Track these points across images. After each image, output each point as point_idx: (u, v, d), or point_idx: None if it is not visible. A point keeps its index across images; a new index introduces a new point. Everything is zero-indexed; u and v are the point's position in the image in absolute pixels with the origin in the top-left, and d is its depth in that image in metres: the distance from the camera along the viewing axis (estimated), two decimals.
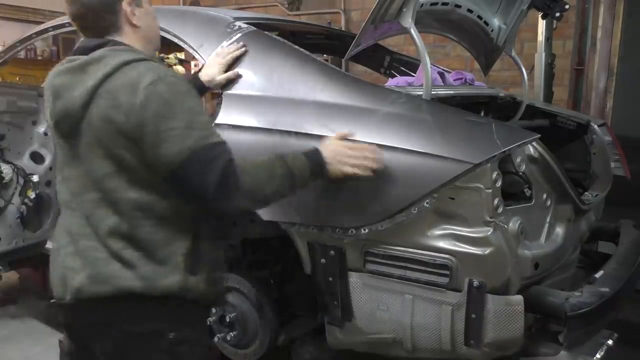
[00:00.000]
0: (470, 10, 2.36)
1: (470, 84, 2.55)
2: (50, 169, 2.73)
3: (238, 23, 2.12)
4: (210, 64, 1.98)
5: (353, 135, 1.63)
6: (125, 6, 1.47)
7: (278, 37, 2.16)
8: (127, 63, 1.38)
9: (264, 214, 1.75)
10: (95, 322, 1.45)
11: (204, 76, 1.96)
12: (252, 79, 1.96)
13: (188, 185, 1.34)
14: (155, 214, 1.40)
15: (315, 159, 1.51)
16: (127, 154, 1.37)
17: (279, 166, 1.44)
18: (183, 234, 1.43)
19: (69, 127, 1.43)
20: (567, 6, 2.40)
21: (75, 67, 1.44)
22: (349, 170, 1.53)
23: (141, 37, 1.53)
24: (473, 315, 1.56)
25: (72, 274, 1.44)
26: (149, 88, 1.34)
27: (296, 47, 2.03)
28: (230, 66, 1.98)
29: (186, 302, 1.45)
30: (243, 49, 1.99)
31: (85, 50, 1.47)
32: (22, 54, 6.55)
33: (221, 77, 1.96)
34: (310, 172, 1.49)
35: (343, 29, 5.15)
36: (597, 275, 1.87)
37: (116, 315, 1.42)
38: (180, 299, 1.43)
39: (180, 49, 2.51)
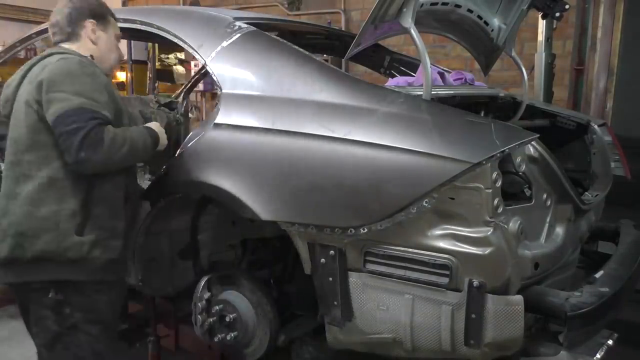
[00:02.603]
0: (470, 10, 2.36)
1: (470, 84, 2.55)
2: None
3: (238, 23, 2.12)
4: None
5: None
6: (88, 24, 1.85)
7: (278, 37, 2.16)
8: (50, 54, 1.75)
9: (264, 213, 1.75)
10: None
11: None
12: (251, 79, 1.96)
13: (59, 137, 1.60)
14: (46, 174, 1.65)
15: (153, 133, 1.87)
16: (32, 118, 1.66)
17: (133, 136, 1.74)
18: (72, 195, 1.65)
19: (8, 111, 1.78)
20: (567, 6, 2.40)
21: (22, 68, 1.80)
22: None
23: (94, 49, 1.86)
24: (473, 315, 1.56)
25: None
26: (55, 63, 1.68)
27: (296, 47, 2.03)
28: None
29: (68, 263, 1.64)
30: None
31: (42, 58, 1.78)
32: (22, 54, 6.54)
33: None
34: (153, 144, 1.85)
35: (343, 29, 5.15)
36: (597, 275, 1.87)
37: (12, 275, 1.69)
38: (61, 258, 1.63)
39: (180, 49, 2.51)
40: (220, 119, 1.90)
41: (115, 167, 1.72)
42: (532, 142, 1.77)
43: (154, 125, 1.93)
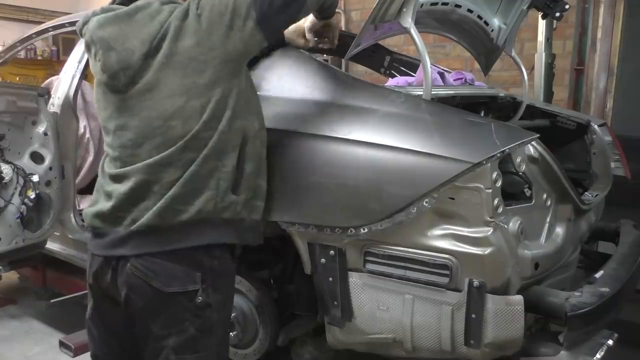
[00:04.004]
0: (470, 10, 2.36)
1: (470, 84, 2.55)
2: (50, 169, 2.73)
3: None
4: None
5: None
6: None
7: None
8: (176, 7, 1.49)
9: (265, 214, 1.75)
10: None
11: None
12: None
13: (279, 14, 1.51)
14: (216, 132, 1.48)
15: None
16: (197, 76, 1.46)
17: None
18: (232, 150, 1.52)
19: (125, 79, 1.49)
20: (567, 6, 2.40)
21: (120, 15, 1.50)
22: None
23: None
24: (473, 315, 1.56)
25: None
26: (196, 4, 1.47)
27: (296, 47, 2.03)
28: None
29: (222, 224, 1.52)
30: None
31: (127, 2, 1.53)
32: (22, 54, 6.55)
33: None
34: None
35: (343, 29, 5.15)
36: (597, 275, 1.87)
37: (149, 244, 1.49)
38: (216, 219, 1.51)
39: None
40: None
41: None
42: (532, 142, 1.77)
43: None
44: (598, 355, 1.72)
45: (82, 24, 1.57)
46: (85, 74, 2.89)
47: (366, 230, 1.63)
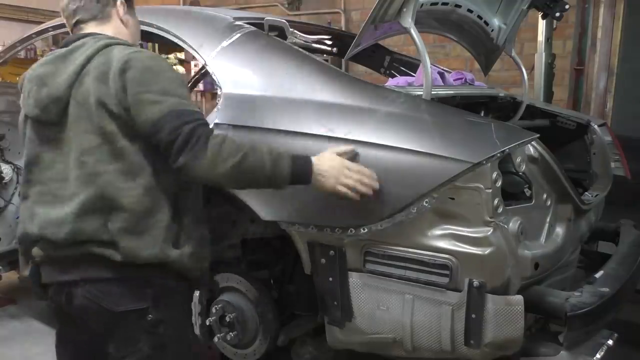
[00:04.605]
0: (470, 10, 2.36)
1: (470, 84, 2.55)
2: None
3: (238, 23, 2.12)
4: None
5: (354, 152, 1.62)
6: (119, 3, 1.61)
7: (277, 38, 2.16)
8: (108, 45, 1.49)
9: (265, 214, 1.75)
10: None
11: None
12: (251, 78, 1.96)
13: (160, 140, 1.40)
14: (136, 184, 1.44)
15: (302, 167, 1.49)
16: (111, 124, 1.43)
17: (255, 154, 1.43)
18: (164, 206, 1.48)
19: (56, 111, 1.48)
20: (567, 6, 2.40)
21: (58, 56, 1.53)
22: (341, 189, 1.52)
23: (125, 33, 1.63)
24: (473, 315, 1.56)
25: None
26: (129, 56, 1.44)
27: (296, 47, 2.03)
28: None
29: (168, 276, 1.50)
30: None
31: (69, 44, 1.56)
32: (22, 54, 6.54)
33: None
34: (290, 177, 1.47)
35: (343, 29, 5.15)
36: (597, 275, 1.87)
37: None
38: (162, 272, 1.49)
39: (180, 49, 2.52)
40: (220, 118, 1.90)
41: (221, 182, 1.46)
42: (532, 142, 1.77)
43: (324, 156, 1.55)
44: (598, 355, 1.72)
45: (30, 69, 1.58)
46: None
47: (366, 230, 1.63)
